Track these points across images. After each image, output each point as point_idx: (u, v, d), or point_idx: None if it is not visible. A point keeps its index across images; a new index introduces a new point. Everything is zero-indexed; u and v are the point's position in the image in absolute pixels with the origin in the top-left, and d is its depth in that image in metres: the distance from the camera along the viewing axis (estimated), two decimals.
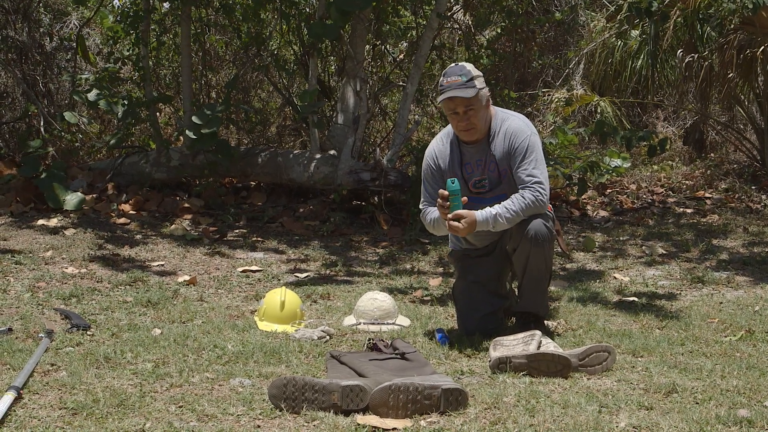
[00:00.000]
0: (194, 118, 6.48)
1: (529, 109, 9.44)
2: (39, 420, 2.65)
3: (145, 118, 7.22)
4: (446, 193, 3.50)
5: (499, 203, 3.55)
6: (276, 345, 3.53)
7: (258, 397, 2.88)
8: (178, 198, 7.02)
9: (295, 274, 5.15)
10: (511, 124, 3.67)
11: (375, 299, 4.01)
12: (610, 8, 9.72)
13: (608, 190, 8.39)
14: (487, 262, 3.81)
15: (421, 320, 4.06)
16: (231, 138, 8.80)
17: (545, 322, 3.89)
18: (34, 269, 4.91)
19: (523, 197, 3.53)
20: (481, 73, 3.66)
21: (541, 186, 3.55)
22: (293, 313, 3.96)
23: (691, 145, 10.00)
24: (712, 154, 9.74)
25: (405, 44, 8.70)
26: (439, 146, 3.78)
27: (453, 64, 3.71)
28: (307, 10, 7.84)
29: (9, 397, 2.72)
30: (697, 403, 2.85)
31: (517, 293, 3.85)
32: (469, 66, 3.64)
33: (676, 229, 6.76)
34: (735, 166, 9.10)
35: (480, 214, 3.51)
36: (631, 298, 4.60)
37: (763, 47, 7.68)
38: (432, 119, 9.24)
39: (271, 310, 3.94)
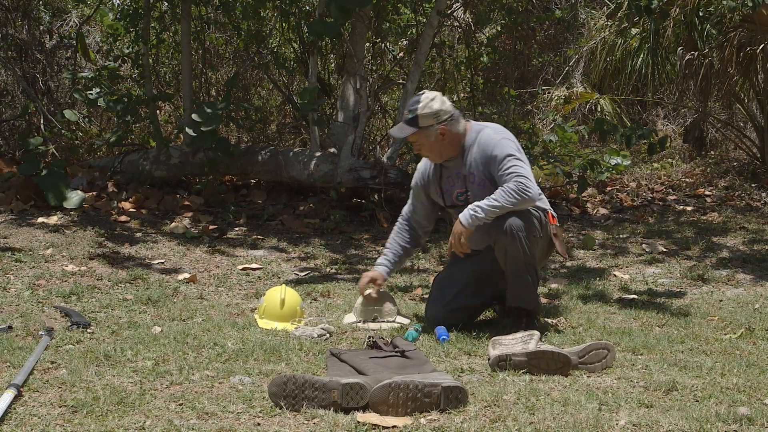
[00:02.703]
0: (194, 116, 6.47)
1: (529, 106, 9.44)
2: (39, 418, 2.65)
3: (145, 116, 7.21)
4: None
5: None
6: (276, 343, 3.53)
7: (258, 395, 2.88)
8: (178, 196, 7.02)
9: (295, 272, 5.15)
10: (483, 136, 3.80)
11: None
12: (610, 6, 9.72)
13: (608, 188, 8.39)
14: (478, 260, 3.88)
15: (421, 318, 4.06)
16: (231, 136, 8.79)
17: (541, 318, 3.90)
18: (34, 267, 4.91)
19: (504, 189, 3.62)
20: (437, 108, 3.75)
21: (523, 177, 3.62)
22: (293, 310, 3.96)
23: (691, 142, 9.99)
24: (712, 152, 9.74)
25: (405, 42, 8.69)
26: (424, 166, 4.02)
27: (419, 93, 3.85)
28: (308, 8, 7.83)
29: (9, 394, 2.72)
30: (697, 401, 2.86)
31: (508, 295, 3.85)
32: (426, 99, 3.77)
33: (676, 227, 6.76)
34: (735, 163, 9.10)
35: (462, 217, 3.65)
36: (631, 296, 4.60)
37: (763, 45, 7.68)
38: None
39: (271, 307, 3.94)
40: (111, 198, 6.80)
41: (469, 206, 3.65)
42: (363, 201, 6.98)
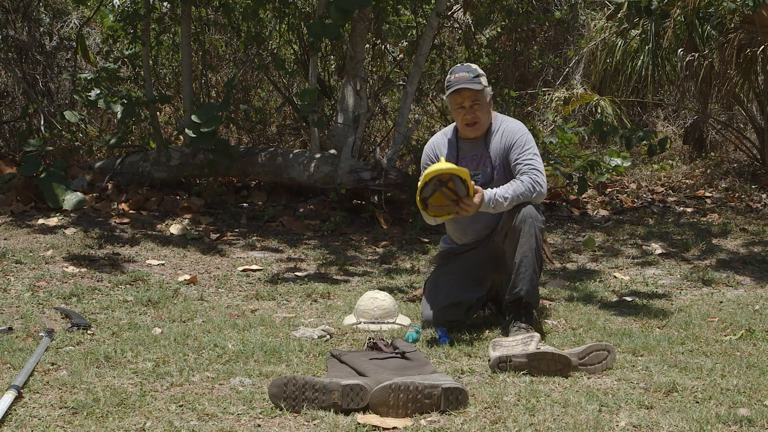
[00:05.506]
0: (194, 117, 6.47)
1: (530, 108, 9.44)
2: (39, 419, 2.65)
3: (145, 118, 7.21)
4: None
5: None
6: (276, 344, 3.53)
7: (258, 396, 2.88)
8: (178, 197, 7.02)
9: (295, 273, 5.15)
10: (509, 125, 3.89)
11: (375, 298, 4.01)
12: (610, 7, 9.73)
13: (608, 189, 8.40)
14: (466, 256, 3.95)
15: (421, 319, 4.06)
16: (231, 137, 8.80)
17: (542, 319, 3.90)
18: (34, 268, 4.91)
19: (521, 181, 3.70)
20: (484, 74, 3.87)
21: (540, 173, 3.72)
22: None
23: (691, 144, 10.01)
24: (712, 153, 9.74)
25: (405, 43, 8.70)
26: (438, 139, 4.02)
27: (459, 64, 3.93)
28: (307, 9, 7.84)
29: (9, 396, 2.73)
30: (698, 402, 2.86)
31: (510, 284, 3.80)
32: (475, 65, 3.87)
33: (676, 228, 6.76)
34: (735, 165, 9.10)
35: (487, 195, 3.64)
36: (631, 298, 4.60)
37: (763, 46, 7.68)
38: (432, 118, 9.24)
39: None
40: (111, 199, 6.80)
41: (491, 190, 3.65)
42: (363, 202, 6.98)
